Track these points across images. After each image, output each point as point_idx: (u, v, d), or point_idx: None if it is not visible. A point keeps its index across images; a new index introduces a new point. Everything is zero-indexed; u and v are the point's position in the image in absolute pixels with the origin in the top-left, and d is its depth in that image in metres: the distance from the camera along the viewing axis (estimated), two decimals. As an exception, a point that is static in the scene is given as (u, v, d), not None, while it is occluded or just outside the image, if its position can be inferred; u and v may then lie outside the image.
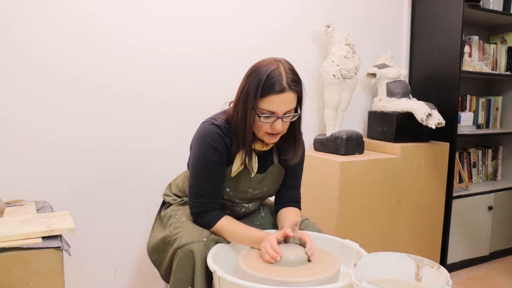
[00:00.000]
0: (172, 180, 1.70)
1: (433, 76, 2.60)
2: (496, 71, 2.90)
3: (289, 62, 1.33)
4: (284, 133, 1.36)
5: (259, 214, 1.60)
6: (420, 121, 2.24)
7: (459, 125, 2.56)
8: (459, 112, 2.59)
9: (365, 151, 2.30)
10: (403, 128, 2.36)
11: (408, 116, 2.32)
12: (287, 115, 1.30)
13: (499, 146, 3.06)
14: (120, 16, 1.88)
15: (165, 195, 1.65)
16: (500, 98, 3.00)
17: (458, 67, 2.43)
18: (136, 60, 1.94)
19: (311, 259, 1.27)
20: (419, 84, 2.68)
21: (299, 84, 1.31)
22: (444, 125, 2.24)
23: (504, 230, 2.79)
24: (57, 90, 1.79)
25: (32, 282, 1.11)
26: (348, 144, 2.21)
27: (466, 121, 2.73)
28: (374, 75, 2.45)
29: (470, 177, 2.91)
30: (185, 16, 2.03)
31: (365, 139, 2.37)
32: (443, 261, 2.52)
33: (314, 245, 1.30)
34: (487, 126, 2.97)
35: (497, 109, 3.00)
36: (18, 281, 1.09)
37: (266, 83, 1.26)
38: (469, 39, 2.78)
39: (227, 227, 1.37)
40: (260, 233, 1.35)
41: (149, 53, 1.96)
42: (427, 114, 2.22)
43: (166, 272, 1.39)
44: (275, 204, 1.57)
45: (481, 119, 2.93)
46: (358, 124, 2.62)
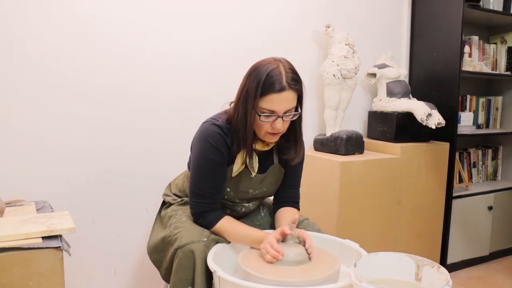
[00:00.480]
0: (172, 180, 1.70)
1: (433, 76, 2.60)
2: (496, 71, 2.90)
3: (289, 62, 1.33)
4: (284, 132, 1.36)
5: (259, 214, 1.61)
6: (420, 121, 2.24)
7: (459, 125, 2.56)
8: (459, 112, 2.59)
9: (365, 151, 2.30)
10: (403, 128, 2.36)
11: (408, 116, 2.32)
12: (287, 114, 1.30)
13: (499, 146, 3.06)
14: (120, 16, 1.88)
15: (165, 195, 1.65)
16: (500, 98, 3.00)
17: (458, 67, 2.43)
18: (136, 60, 1.94)
19: (311, 257, 1.27)
20: (419, 84, 2.68)
21: (299, 83, 1.31)
22: (444, 125, 2.24)
23: (504, 230, 2.79)
24: (57, 90, 1.79)
25: (32, 282, 1.11)
26: (348, 144, 2.21)
27: (466, 121, 2.73)
28: (374, 75, 2.45)
29: (470, 177, 2.91)
30: (185, 16, 2.03)
31: (365, 139, 2.37)
32: (443, 261, 2.52)
33: (313, 243, 1.30)
34: (487, 126, 2.97)
35: (497, 109, 3.00)
36: (18, 281, 1.09)
37: (266, 82, 1.26)
38: (469, 39, 2.78)
39: (228, 227, 1.37)
40: (260, 233, 1.35)
41: (149, 53, 1.96)
42: (427, 114, 2.22)
43: (167, 272, 1.39)
44: (274, 203, 1.57)
45: (481, 119, 2.93)
46: (358, 124, 2.62)
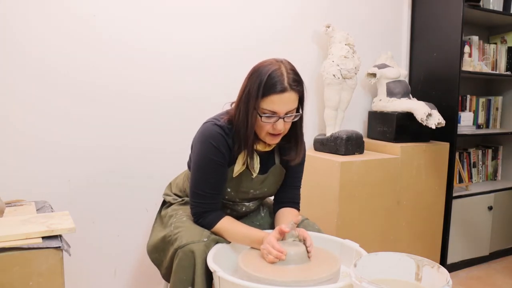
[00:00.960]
0: (173, 180, 1.70)
1: (433, 76, 2.60)
2: (496, 71, 2.90)
3: (290, 63, 1.33)
4: (285, 133, 1.36)
5: (259, 214, 1.61)
6: (420, 121, 2.24)
7: (459, 125, 2.56)
8: (459, 112, 2.59)
9: (365, 151, 2.30)
10: (403, 128, 2.36)
11: (408, 116, 2.32)
12: (288, 115, 1.31)
13: (499, 146, 3.06)
14: (120, 16, 1.88)
15: (166, 194, 1.65)
16: (500, 98, 3.00)
17: (458, 67, 2.43)
18: (136, 60, 1.94)
19: (310, 255, 1.27)
20: (419, 84, 2.68)
21: (300, 84, 1.31)
22: (444, 125, 2.24)
23: (504, 230, 2.79)
24: (57, 90, 1.79)
25: (32, 282, 1.11)
26: (348, 144, 2.21)
27: (466, 121, 2.73)
28: (374, 75, 2.45)
29: (470, 177, 2.91)
30: (185, 16, 2.03)
31: (365, 139, 2.37)
32: (443, 261, 2.52)
33: (313, 242, 1.30)
34: (487, 126, 2.97)
35: (497, 109, 3.00)
36: (18, 281, 1.09)
37: (267, 83, 1.26)
38: (469, 39, 2.78)
39: (228, 228, 1.37)
40: (261, 233, 1.35)
41: (149, 53, 1.96)
42: (427, 114, 2.22)
43: (167, 271, 1.39)
44: (274, 204, 1.57)
45: (481, 119, 2.93)
46: (358, 124, 2.62)
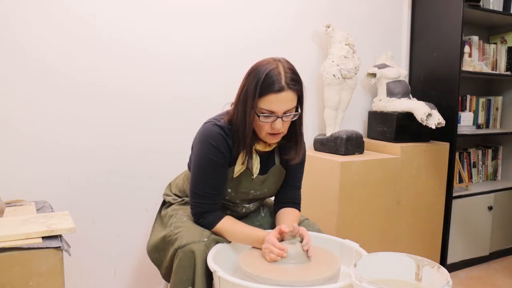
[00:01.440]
0: (172, 180, 1.70)
1: (433, 76, 2.60)
2: (496, 71, 2.90)
3: (288, 62, 1.33)
4: (285, 133, 1.36)
5: (259, 214, 1.60)
6: (420, 121, 2.24)
7: (459, 125, 2.56)
8: (459, 112, 2.59)
9: (365, 151, 2.30)
10: (403, 128, 2.36)
11: (408, 116, 2.32)
12: (287, 114, 1.30)
13: (499, 146, 3.06)
14: (120, 16, 1.88)
15: (165, 194, 1.65)
16: (500, 98, 3.00)
17: (458, 67, 2.43)
18: (136, 60, 1.94)
19: (309, 254, 1.27)
20: (419, 84, 2.68)
21: (298, 83, 1.30)
22: (444, 125, 2.24)
23: (504, 230, 2.79)
24: (57, 90, 1.79)
25: (32, 282, 1.11)
26: (348, 144, 2.21)
27: (466, 121, 2.73)
28: (374, 75, 2.45)
29: (470, 177, 2.91)
30: (185, 16, 2.03)
31: (365, 139, 2.37)
32: (443, 261, 2.52)
33: (311, 241, 1.30)
34: (487, 126, 2.97)
35: (497, 109, 3.00)
36: (18, 281, 1.09)
37: (264, 82, 1.25)
38: (469, 39, 2.78)
39: (229, 228, 1.37)
40: (262, 232, 1.35)
41: (149, 53, 1.96)
42: (427, 114, 2.22)
43: (167, 271, 1.39)
44: (275, 204, 1.57)
45: (481, 119, 2.93)
46: (358, 124, 2.62)
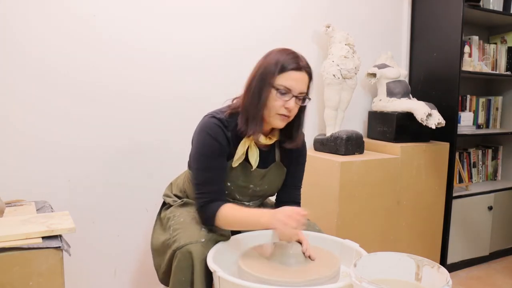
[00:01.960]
0: (173, 180, 1.70)
1: (433, 76, 2.60)
2: (496, 71, 2.90)
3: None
4: (292, 118, 1.37)
5: (260, 214, 1.60)
6: (420, 121, 2.24)
7: (459, 125, 2.56)
8: (459, 112, 2.59)
9: (365, 151, 2.30)
10: (403, 128, 2.36)
11: (408, 116, 2.32)
12: (300, 96, 1.34)
13: (499, 146, 3.06)
14: (120, 16, 1.88)
15: (165, 195, 1.64)
16: (500, 98, 3.00)
17: (458, 67, 2.43)
18: (136, 60, 1.94)
19: (307, 255, 1.27)
20: (419, 84, 2.68)
21: (310, 69, 1.38)
22: (444, 125, 2.24)
23: (504, 230, 2.79)
24: (57, 90, 1.79)
25: (32, 282, 1.11)
26: (348, 144, 2.21)
27: (466, 121, 2.73)
28: (374, 75, 2.45)
29: (470, 177, 2.91)
30: (185, 16, 2.03)
31: (365, 139, 2.37)
32: (443, 261, 2.52)
33: (309, 244, 1.30)
34: (487, 126, 2.97)
35: (497, 109, 3.00)
36: (18, 281, 1.09)
37: (285, 61, 1.32)
38: (469, 39, 2.78)
39: (230, 212, 1.33)
40: (265, 211, 1.31)
41: (149, 53, 1.96)
42: (427, 114, 2.22)
43: (164, 276, 1.39)
44: (275, 204, 1.57)
45: (481, 119, 2.93)
46: (358, 124, 2.62)
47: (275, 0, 2.26)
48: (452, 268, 2.57)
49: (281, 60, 1.32)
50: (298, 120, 1.43)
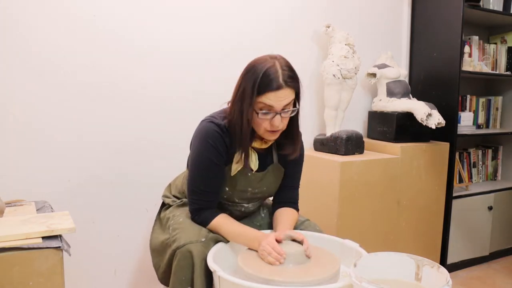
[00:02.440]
0: (172, 181, 1.70)
1: (433, 76, 2.60)
2: (496, 71, 2.90)
3: (285, 59, 1.33)
4: (284, 129, 1.36)
5: (259, 215, 1.60)
6: (420, 121, 2.24)
7: (459, 125, 2.56)
8: (459, 112, 2.59)
9: (365, 151, 2.30)
10: (403, 128, 2.36)
11: (408, 116, 2.32)
12: (285, 110, 1.30)
13: (499, 146, 3.06)
14: (120, 16, 1.88)
15: (165, 196, 1.64)
16: (500, 98, 3.00)
17: (458, 67, 2.43)
18: (136, 60, 1.93)
19: (307, 254, 1.27)
20: (419, 84, 2.68)
21: (295, 80, 1.31)
22: (444, 125, 2.24)
23: (504, 230, 2.79)
24: (57, 90, 1.79)
25: (32, 282, 1.11)
26: (348, 144, 2.21)
27: (466, 121, 2.73)
28: (374, 75, 2.45)
29: (470, 177, 2.91)
30: (186, 16, 2.03)
31: (365, 139, 2.37)
32: (443, 261, 2.52)
33: (309, 244, 1.30)
34: (487, 126, 2.97)
35: (497, 109, 3.00)
36: (18, 281, 1.09)
37: (262, 81, 1.26)
38: (469, 39, 2.78)
39: (223, 225, 1.37)
40: (257, 233, 1.35)
41: (149, 53, 1.96)
42: (427, 114, 2.22)
43: (164, 276, 1.39)
44: (272, 204, 1.57)
45: (481, 119, 2.93)
46: (358, 124, 2.62)
47: (275, 0, 2.26)
48: (452, 268, 2.57)
49: (259, 80, 1.25)
50: (292, 132, 1.41)
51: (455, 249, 2.57)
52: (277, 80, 1.26)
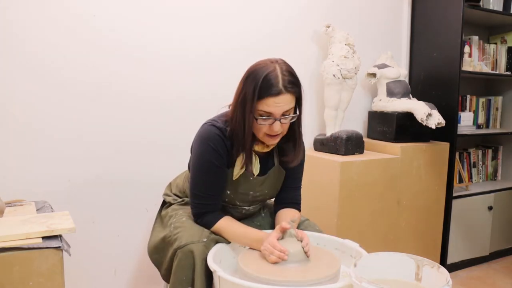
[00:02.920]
0: (173, 180, 1.70)
1: (433, 76, 2.60)
2: (496, 71, 2.90)
3: (286, 63, 1.32)
4: (284, 133, 1.36)
5: (260, 215, 1.60)
6: (420, 121, 2.24)
7: (459, 125, 2.56)
8: (459, 112, 2.59)
9: (365, 151, 2.30)
10: (403, 128, 2.36)
11: (408, 116, 2.32)
12: (285, 116, 1.30)
13: (499, 146, 3.06)
14: (120, 16, 1.88)
15: (166, 194, 1.65)
16: (500, 98, 3.00)
17: (458, 67, 2.43)
18: (136, 60, 1.94)
19: (308, 254, 1.27)
20: (419, 84, 2.68)
21: (296, 85, 1.30)
22: (444, 125, 2.24)
23: (504, 230, 2.79)
24: (57, 90, 1.79)
25: (32, 282, 1.11)
26: (348, 144, 2.21)
27: (466, 121, 2.73)
28: (374, 75, 2.45)
29: (470, 177, 2.91)
30: (186, 16, 2.03)
31: (365, 139, 2.37)
32: (443, 261, 2.52)
33: (310, 242, 1.30)
34: (487, 126, 2.97)
35: (497, 109, 3.00)
36: (18, 281, 1.09)
37: (262, 86, 1.25)
38: (469, 39, 2.78)
39: (226, 227, 1.37)
40: (260, 233, 1.35)
41: (149, 54, 1.96)
42: (427, 114, 2.22)
43: (166, 272, 1.39)
44: (275, 205, 1.57)
45: (481, 119, 2.93)
46: (358, 124, 2.62)
47: (275, 0, 2.26)
48: (452, 268, 2.57)
49: (259, 85, 1.25)
50: (294, 137, 1.41)
51: (455, 249, 2.57)
52: (277, 85, 1.25)
